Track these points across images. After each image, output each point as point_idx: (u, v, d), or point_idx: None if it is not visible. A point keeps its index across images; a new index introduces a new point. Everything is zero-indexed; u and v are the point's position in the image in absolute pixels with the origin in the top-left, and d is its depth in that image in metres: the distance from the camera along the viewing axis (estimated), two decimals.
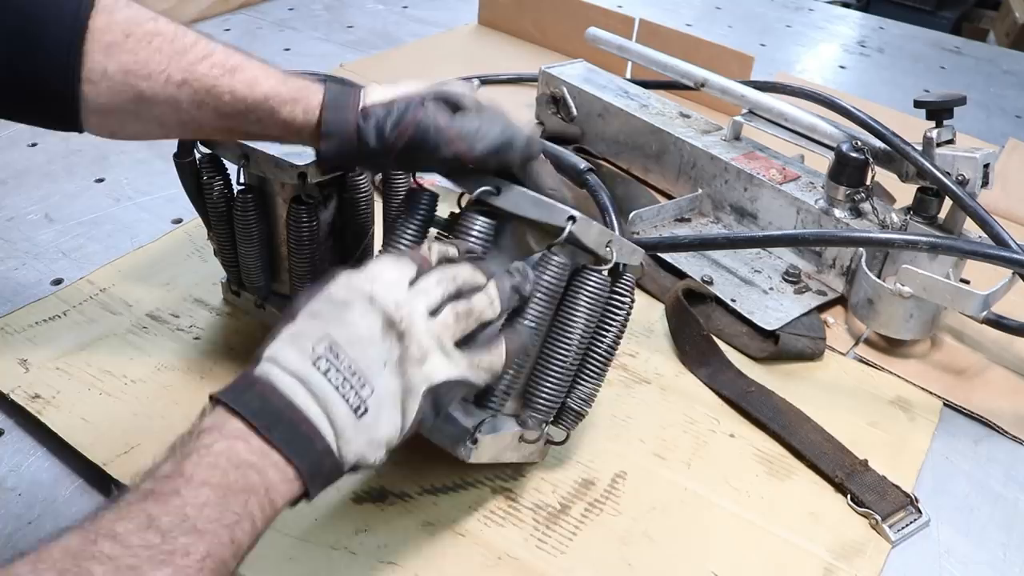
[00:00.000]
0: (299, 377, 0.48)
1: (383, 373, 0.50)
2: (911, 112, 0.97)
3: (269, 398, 0.47)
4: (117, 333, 0.81)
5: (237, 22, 1.56)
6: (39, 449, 0.70)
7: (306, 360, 0.48)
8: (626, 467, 0.73)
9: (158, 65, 0.60)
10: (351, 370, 0.49)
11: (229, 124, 0.63)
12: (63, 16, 0.58)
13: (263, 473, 0.45)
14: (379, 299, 0.51)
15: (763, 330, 0.88)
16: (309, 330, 0.50)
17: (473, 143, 0.62)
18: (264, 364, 0.49)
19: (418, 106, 0.62)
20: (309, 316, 0.51)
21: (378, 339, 0.50)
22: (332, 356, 0.49)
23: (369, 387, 0.49)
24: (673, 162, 1.10)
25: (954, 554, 0.70)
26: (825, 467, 0.74)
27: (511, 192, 0.63)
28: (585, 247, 0.62)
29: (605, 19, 1.39)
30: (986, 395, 0.85)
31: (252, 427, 0.46)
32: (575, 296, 0.63)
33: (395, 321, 0.51)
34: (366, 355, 0.50)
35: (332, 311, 0.51)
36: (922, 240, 0.78)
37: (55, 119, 0.62)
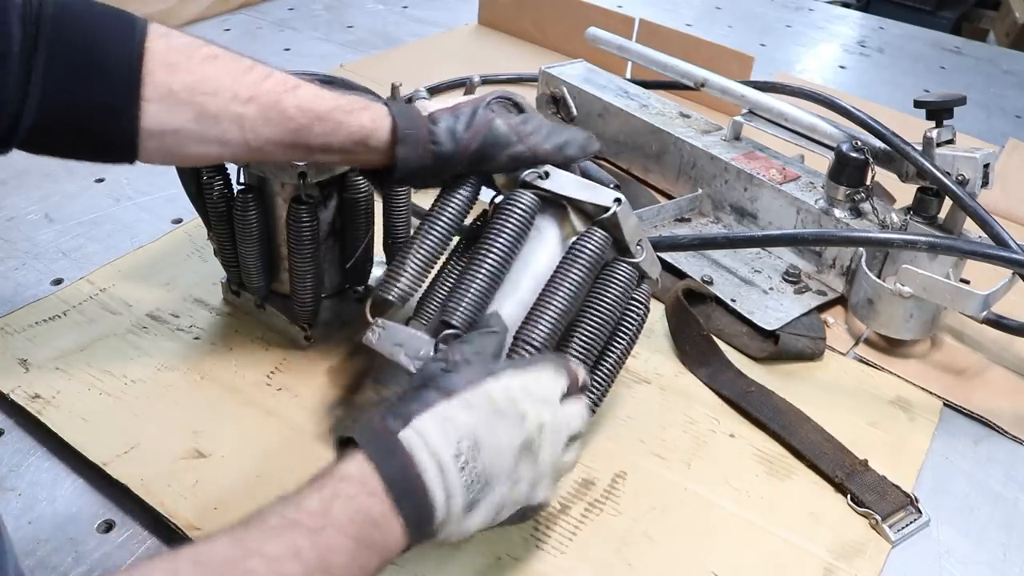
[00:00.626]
0: (439, 464, 0.50)
1: (503, 483, 0.54)
2: (911, 112, 0.97)
3: (409, 473, 0.50)
4: (117, 333, 0.81)
5: (237, 22, 1.56)
6: (39, 449, 0.70)
7: (450, 451, 0.51)
8: (626, 467, 0.73)
9: (224, 82, 0.60)
10: (482, 475, 0.52)
11: (295, 139, 0.63)
12: (121, 40, 0.58)
13: (386, 536, 0.49)
14: (529, 420, 0.54)
15: (763, 330, 0.88)
16: (461, 421, 0.52)
17: (545, 139, 0.66)
18: (410, 433, 0.51)
19: (486, 108, 0.65)
20: (464, 406, 0.53)
21: (514, 456, 0.54)
22: (472, 456, 0.51)
23: (488, 491, 0.53)
24: (673, 162, 1.10)
25: (954, 554, 0.70)
26: (825, 467, 0.74)
27: (558, 175, 0.66)
28: (622, 236, 0.64)
29: (605, 19, 1.39)
30: (986, 395, 0.85)
31: (390, 494, 0.49)
32: (604, 285, 0.65)
33: (534, 446, 0.55)
34: (498, 465, 0.53)
35: (486, 414, 0.53)
36: (921, 240, 0.78)
37: (111, 145, 0.61)
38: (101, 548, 0.63)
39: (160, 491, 0.66)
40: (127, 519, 0.65)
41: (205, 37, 0.64)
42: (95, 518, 0.65)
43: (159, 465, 0.68)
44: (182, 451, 0.70)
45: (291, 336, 0.82)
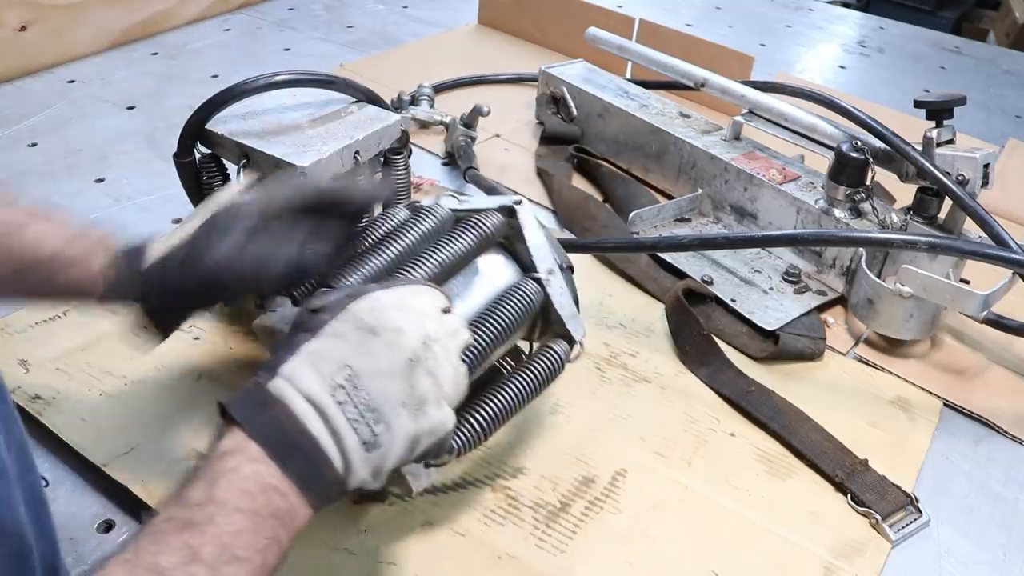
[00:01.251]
0: (315, 405, 0.47)
1: (400, 413, 0.49)
2: (911, 112, 0.97)
3: (284, 424, 0.47)
4: (117, 334, 0.81)
5: (237, 22, 1.56)
6: (39, 449, 0.70)
7: (324, 388, 0.47)
8: (626, 465, 0.73)
9: None
10: (368, 405, 0.48)
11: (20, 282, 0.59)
12: None
13: (288, 496, 0.46)
14: (408, 335, 0.50)
15: (763, 330, 0.88)
16: (331, 353, 0.49)
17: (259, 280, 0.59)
18: (280, 382, 0.48)
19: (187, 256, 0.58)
20: (332, 336, 0.49)
21: (399, 376, 0.49)
22: (351, 387, 0.48)
23: (384, 424, 0.48)
24: (673, 162, 1.10)
25: (954, 554, 0.70)
26: (825, 467, 0.74)
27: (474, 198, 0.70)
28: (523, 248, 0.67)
29: (605, 19, 1.39)
30: (986, 395, 0.85)
31: (271, 453, 0.46)
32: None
33: (419, 360, 0.50)
34: (385, 391, 0.49)
35: (357, 337, 0.49)
36: (921, 240, 0.78)
37: None
38: (101, 548, 0.63)
39: (160, 491, 0.66)
40: (127, 519, 0.65)
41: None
42: (95, 518, 0.65)
43: (159, 465, 0.68)
44: (182, 451, 0.70)
45: None
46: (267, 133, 0.77)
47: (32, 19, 1.27)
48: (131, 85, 1.30)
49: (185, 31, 1.49)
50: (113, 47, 1.41)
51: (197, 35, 1.49)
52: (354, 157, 0.78)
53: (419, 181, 1.09)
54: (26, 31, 1.27)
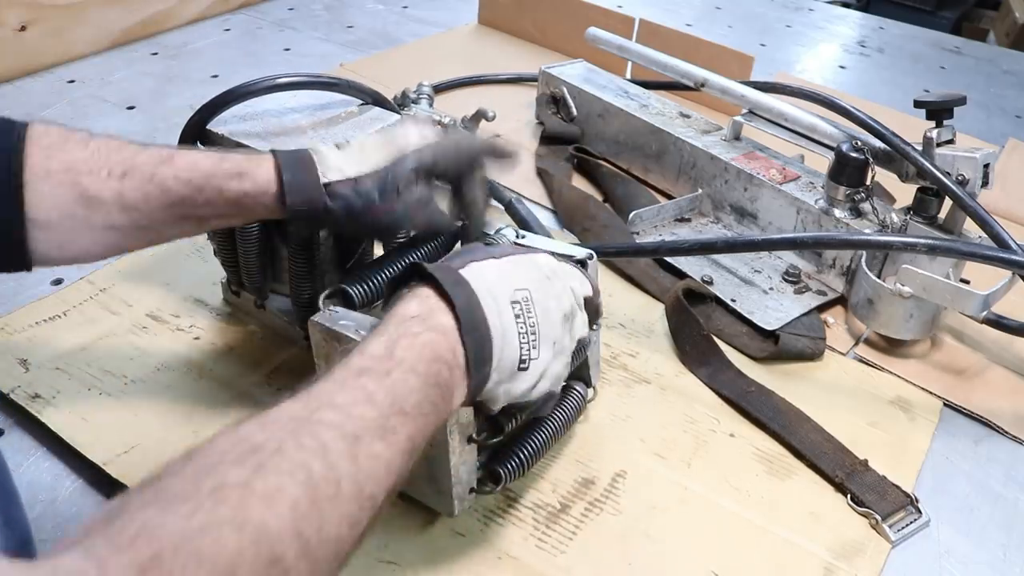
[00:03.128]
0: (498, 307, 0.52)
1: (550, 350, 0.54)
2: (911, 112, 0.97)
3: (473, 301, 0.51)
4: (117, 333, 0.81)
5: (237, 22, 1.56)
6: (39, 449, 0.70)
7: (507, 297, 0.52)
8: (626, 466, 0.73)
9: (98, 161, 0.58)
10: (533, 331, 0.53)
11: (181, 212, 0.60)
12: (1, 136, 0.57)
13: (453, 372, 0.49)
14: (569, 295, 0.57)
15: (763, 330, 0.88)
16: (516, 275, 0.54)
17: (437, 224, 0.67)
18: (471, 270, 0.52)
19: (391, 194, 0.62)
20: (515, 265, 0.55)
21: (560, 322, 0.55)
22: (526, 309, 0.53)
23: (536, 352, 0.53)
24: (673, 162, 1.10)
25: (954, 554, 0.70)
26: (825, 467, 0.74)
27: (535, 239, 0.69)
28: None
29: (605, 19, 1.39)
30: (986, 395, 0.85)
31: (457, 323, 0.49)
32: None
33: (574, 315, 0.57)
34: (547, 327, 0.54)
35: (538, 275, 0.55)
36: (921, 242, 0.78)
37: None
38: None
39: None
40: None
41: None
42: None
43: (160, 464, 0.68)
44: (182, 451, 0.70)
45: (291, 336, 0.82)
46: (268, 134, 0.77)
47: (32, 19, 1.27)
48: (131, 85, 1.30)
49: (185, 31, 1.49)
50: (113, 47, 1.41)
51: (197, 35, 1.49)
52: None
53: None
54: (26, 31, 1.27)
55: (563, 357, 0.57)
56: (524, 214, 0.97)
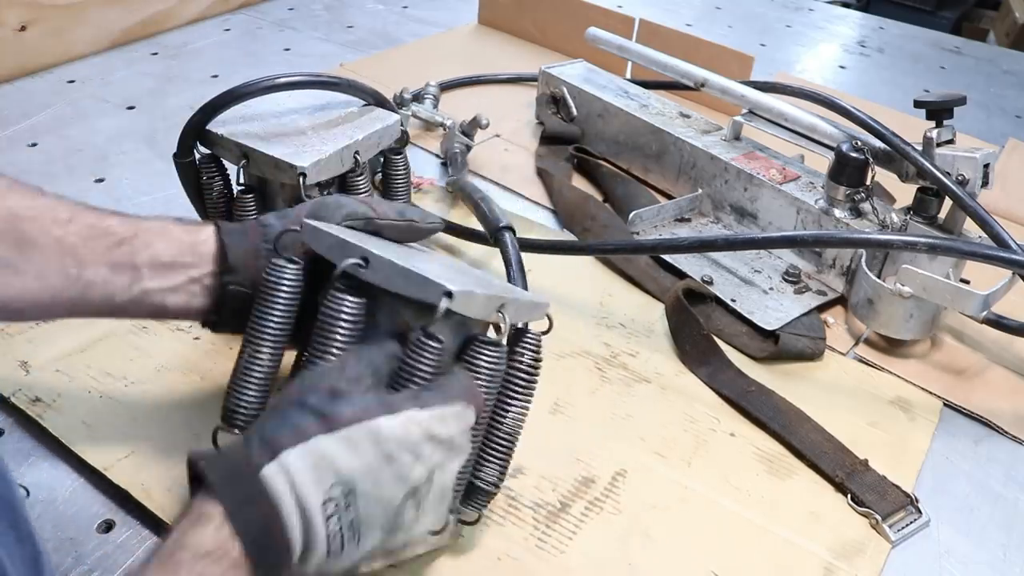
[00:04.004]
0: (304, 514, 0.45)
1: (376, 535, 0.49)
2: (911, 112, 0.97)
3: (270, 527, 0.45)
4: (117, 334, 0.81)
5: (237, 22, 1.56)
6: (39, 449, 0.70)
7: (318, 499, 0.46)
8: (626, 466, 0.73)
9: (44, 208, 0.55)
10: (352, 528, 0.47)
11: (119, 258, 0.57)
12: None
13: None
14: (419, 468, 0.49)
15: (763, 330, 0.88)
16: (339, 463, 0.46)
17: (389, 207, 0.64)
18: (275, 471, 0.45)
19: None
20: (347, 445, 0.46)
21: (394, 508, 0.49)
22: (344, 507, 0.46)
23: (357, 543, 0.48)
24: (673, 162, 1.10)
25: (954, 554, 0.70)
26: (825, 467, 0.74)
27: (381, 264, 0.54)
28: (471, 319, 0.56)
29: (605, 19, 1.39)
30: (986, 395, 0.85)
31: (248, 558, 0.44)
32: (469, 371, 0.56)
33: (419, 494, 0.49)
34: (373, 517, 0.48)
35: (371, 457, 0.47)
36: (921, 241, 0.78)
37: None
38: (101, 548, 0.63)
39: (161, 496, 0.66)
40: (127, 519, 0.65)
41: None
42: (95, 518, 0.65)
43: (160, 469, 0.68)
44: (183, 454, 0.70)
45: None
46: (267, 134, 0.77)
47: (32, 19, 1.27)
48: (131, 85, 1.30)
49: (185, 31, 1.49)
50: (113, 47, 1.41)
51: (197, 35, 1.49)
52: (354, 157, 0.78)
53: (419, 181, 1.09)
54: (26, 31, 1.27)
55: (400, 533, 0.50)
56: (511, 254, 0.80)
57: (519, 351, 0.60)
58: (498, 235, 0.79)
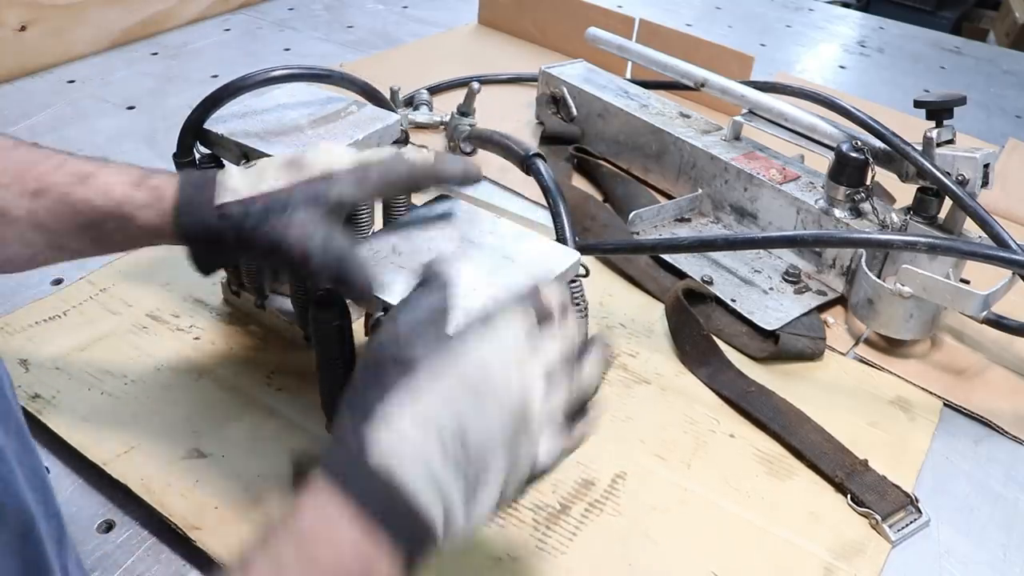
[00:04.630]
0: (430, 474, 0.44)
1: (498, 455, 0.46)
2: (911, 112, 0.97)
3: (393, 500, 0.43)
4: (117, 333, 0.81)
5: (237, 22, 1.56)
6: (39, 449, 0.70)
7: (435, 456, 0.44)
8: (626, 467, 0.73)
9: (14, 174, 0.56)
10: (476, 463, 0.45)
11: (92, 235, 0.58)
12: None
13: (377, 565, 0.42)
14: (515, 386, 0.47)
15: (763, 330, 0.88)
16: (442, 417, 0.45)
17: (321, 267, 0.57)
18: (385, 448, 0.43)
19: (282, 217, 0.56)
20: (441, 399, 0.45)
21: (506, 428, 0.47)
22: (462, 451, 0.45)
23: (485, 472, 0.46)
24: (673, 162, 1.10)
25: (954, 554, 0.70)
26: (825, 467, 0.74)
27: None
28: None
29: (605, 19, 1.39)
30: (986, 395, 0.85)
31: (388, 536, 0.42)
32: None
33: (531, 419, 0.47)
34: (490, 443, 0.46)
35: (467, 397, 0.46)
36: (921, 241, 0.78)
37: None
38: (101, 548, 0.63)
39: (160, 491, 0.66)
40: (127, 519, 0.65)
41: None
42: (95, 518, 0.65)
43: (159, 465, 0.68)
44: (182, 451, 0.70)
45: (291, 336, 0.82)
46: (267, 133, 0.77)
47: (32, 19, 1.27)
48: (131, 85, 1.30)
49: (185, 31, 1.49)
50: (113, 47, 1.41)
51: (197, 35, 1.49)
52: None
53: None
54: (26, 31, 1.27)
55: (523, 446, 0.47)
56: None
57: None
58: (529, 163, 0.78)
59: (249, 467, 0.69)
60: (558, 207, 0.75)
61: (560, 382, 0.49)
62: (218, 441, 0.71)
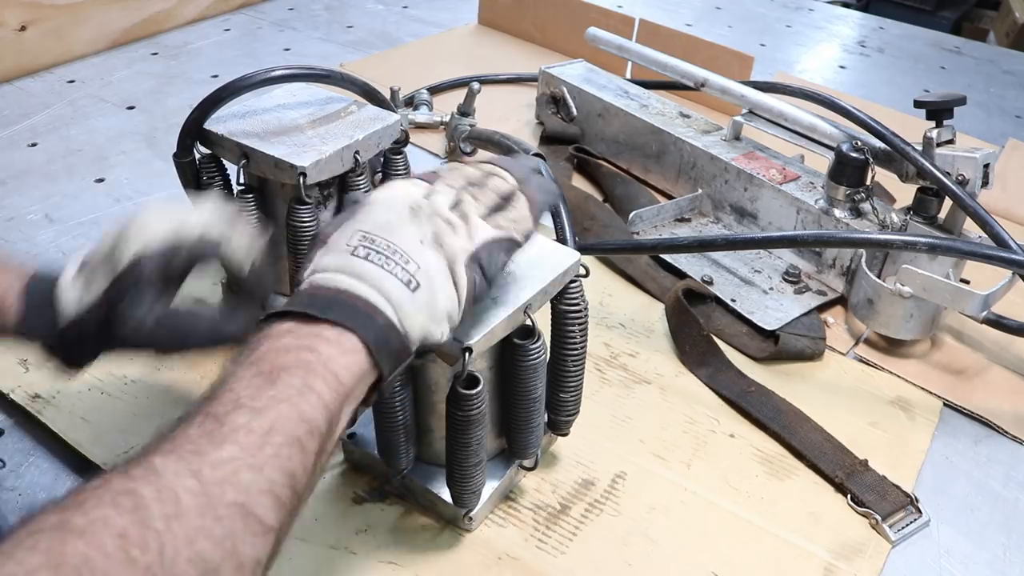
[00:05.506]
0: (341, 269, 0.47)
1: (423, 250, 0.49)
2: (911, 112, 0.97)
3: (316, 294, 0.46)
4: None
5: (237, 22, 1.56)
6: (39, 449, 0.70)
7: (343, 254, 0.47)
8: (626, 467, 0.73)
9: None
10: (391, 249, 0.48)
11: None
12: None
13: (316, 350, 0.43)
14: (399, 196, 0.51)
15: (763, 330, 0.88)
16: (338, 235, 0.49)
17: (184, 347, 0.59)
18: (306, 274, 0.48)
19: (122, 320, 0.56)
20: (335, 227, 0.50)
21: (407, 221, 0.50)
22: (368, 243, 0.48)
23: (414, 263, 0.48)
24: (673, 162, 1.10)
25: (954, 554, 0.70)
26: (825, 467, 0.74)
27: None
28: None
29: (605, 19, 1.39)
30: (986, 395, 0.85)
31: (302, 317, 0.44)
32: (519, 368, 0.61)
33: (419, 207, 0.50)
34: (402, 235, 0.49)
35: (356, 214, 0.50)
36: (921, 241, 0.78)
37: None
38: None
39: None
40: None
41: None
42: None
43: None
44: None
45: None
46: (267, 133, 0.77)
47: (32, 19, 1.27)
48: (131, 85, 1.30)
49: (185, 31, 1.49)
50: (113, 47, 1.41)
51: (197, 35, 1.49)
52: (354, 157, 0.78)
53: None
54: (26, 31, 1.27)
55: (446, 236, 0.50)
56: None
57: (563, 306, 0.64)
58: None
59: None
60: (558, 207, 0.75)
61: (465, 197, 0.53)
62: None
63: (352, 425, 0.62)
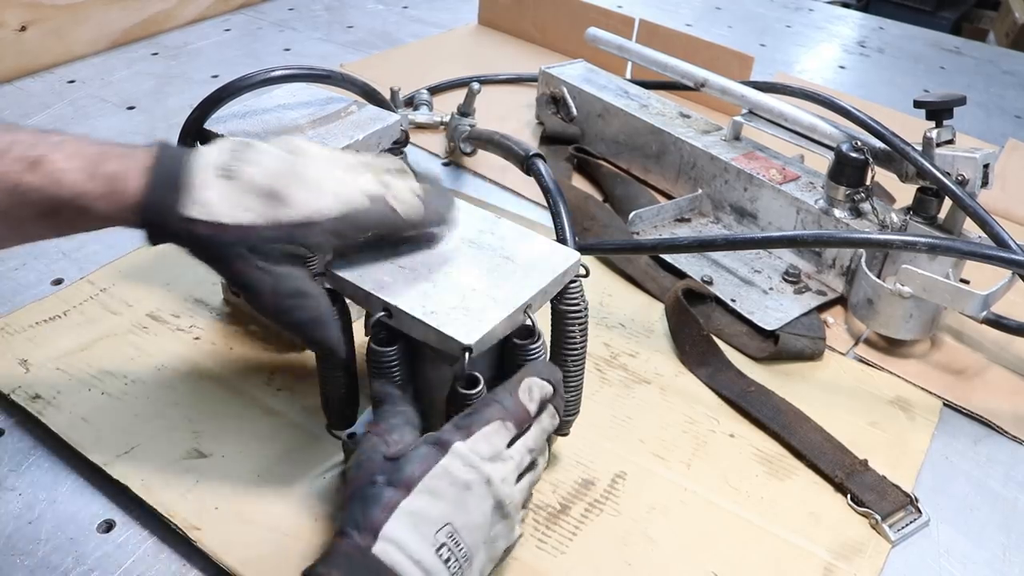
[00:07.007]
0: (423, 568, 0.49)
1: (481, 548, 0.53)
2: (911, 112, 0.97)
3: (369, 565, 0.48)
4: (117, 333, 0.81)
5: (237, 22, 1.56)
6: (39, 449, 0.70)
7: (430, 548, 0.49)
8: (626, 467, 0.73)
9: None
10: (465, 556, 0.51)
11: (49, 223, 0.55)
12: None
13: None
14: (495, 483, 0.53)
15: (763, 330, 0.88)
16: (432, 513, 0.50)
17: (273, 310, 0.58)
18: (384, 545, 0.49)
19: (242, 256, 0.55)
20: (429, 495, 0.51)
21: (488, 523, 0.53)
22: (453, 544, 0.50)
23: (471, 564, 0.52)
24: (673, 162, 1.10)
25: (954, 554, 0.70)
26: (825, 467, 0.74)
27: (401, 315, 0.57)
28: None
29: (605, 19, 1.39)
30: (986, 395, 0.85)
31: None
32: None
33: (504, 504, 0.54)
34: (477, 538, 0.52)
35: (454, 494, 0.51)
36: (921, 241, 0.78)
37: None
38: (101, 548, 0.63)
39: (160, 491, 0.66)
40: (127, 519, 0.65)
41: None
42: (95, 518, 0.65)
43: (159, 465, 0.68)
44: (182, 451, 0.70)
45: (291, 336, 0.81)
46: (267, 133, 0.77)
47: (32, 19, 1.27)
48: (131, 85, 1.30)
49: (185, 31, 1.49)
50: (113, 47, 1.41)
51: (197, 35, 1.49)
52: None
53: None
54: (26, 31, 1.27)
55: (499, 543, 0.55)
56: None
57: (563, 306, 0.64)
58: (530, 163, 0.79)
59: (249, 467, 0.69)
60: (558, 207, 0.75)
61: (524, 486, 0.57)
62: (218, 441, 0.71)
63: (352, 426, 0.63)
